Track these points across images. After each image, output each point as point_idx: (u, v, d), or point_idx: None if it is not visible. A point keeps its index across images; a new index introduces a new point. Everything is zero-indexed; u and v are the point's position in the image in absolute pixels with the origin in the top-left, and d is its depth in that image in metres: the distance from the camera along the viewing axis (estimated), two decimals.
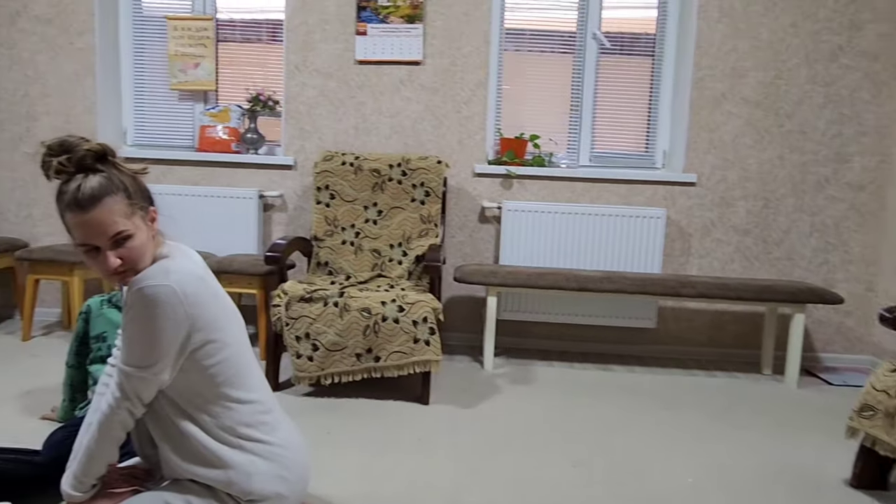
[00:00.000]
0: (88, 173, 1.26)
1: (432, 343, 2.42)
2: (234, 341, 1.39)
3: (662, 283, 2.83)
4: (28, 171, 3.40)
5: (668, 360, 3.21)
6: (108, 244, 1.25)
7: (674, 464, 2.04)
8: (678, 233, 3.23)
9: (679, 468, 2.01)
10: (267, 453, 1.39)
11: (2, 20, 3.31)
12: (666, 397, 2.66)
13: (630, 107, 3.35)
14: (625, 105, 3.35)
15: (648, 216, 3.12)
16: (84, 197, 1.22)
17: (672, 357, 3.28)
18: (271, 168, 3.31)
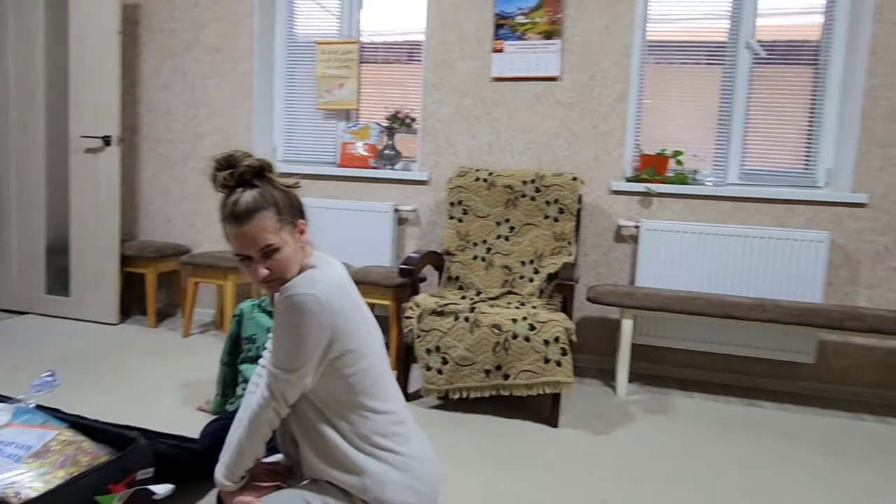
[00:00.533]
0: (247, 188, 1.35)
1: (564, 364, 2.34)
2: (372, 352, 1.42)
3: (825, 314, 2.55)
4: (194, 184, 3.76)
5: (828, 401, 2.87)
6: (258, 255, 1.33)
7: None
8: (844, 259, 2.90)
9: None
10: (400, 463, 1.40)
11: (178, 50, 3.71)
12: (826, 443, 2.37)
13: (787, 120, 3.07)
14: (781, 118, 3.08)
15: (808, 240, 2.83)
16: (239, 211, 1.32)
17: (834, 397, 2.93)
18: (407, 183, 3.41)
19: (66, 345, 3.11)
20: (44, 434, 1.54)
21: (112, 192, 3.47)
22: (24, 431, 1.54)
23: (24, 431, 1.54)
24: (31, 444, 1.49)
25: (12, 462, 1.42)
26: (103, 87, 3.43)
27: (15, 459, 1.44)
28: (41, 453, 1.48)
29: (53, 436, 1.54)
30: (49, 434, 1.55)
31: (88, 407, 2.31)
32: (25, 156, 3.63)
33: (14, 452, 1.46)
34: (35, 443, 1.50)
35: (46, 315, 3.63)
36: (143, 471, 1.56)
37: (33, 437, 1.52)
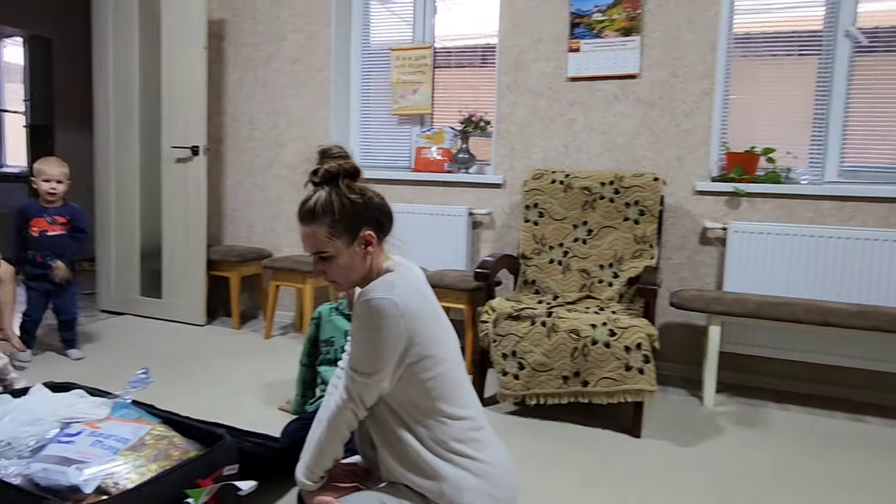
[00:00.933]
0: (324, 189, 1.37)
1: (646, 372, 2.25)
2: (449, 357, 1.40)
3: None
4: (275, 191, 3.89)
5: None
6: (315, 257, 1.39)
7: None
8: None
9: None
10: (477, 470, 1.37)
11: (260, 62, 3.86)
12: None
13: (892, 112, 2.84)
14: (885, 111, 2.85)
15: None
16: (301, 212, 1.38)
17: None
18: (481, 187, 3.39)
19: (158, 344, 3.28)
20: (139, 428, 1.61)
21: (199, 199, 3.64)
22: (122, 425, 1.61)
23: (122, 425, 1.61)
24: (128, 437, 1.56)
25: (111, 454, 1.49)
26: (191, 100, 3.61)
27: (113, 451, 1.51)
28: (137, 446, 1.55)
29: (147, 430, 1.61)
30: (144, 429, 1.61)
31: (177, 403, 2.41)
32: (122, 167, 3.86)
33: (113, 445, 1.53)
34: (131, 436, 1.57)
35: (141, 316, 3.85)
36: (229, 467, 1.60)
37: (129, 430, 1.59)
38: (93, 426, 1.58)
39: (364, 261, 1.42)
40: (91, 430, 1.56)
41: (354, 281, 1.44)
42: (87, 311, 3.92)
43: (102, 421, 1.62)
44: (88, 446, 1.50)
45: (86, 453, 1.48)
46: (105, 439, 1.54)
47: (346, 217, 1.36)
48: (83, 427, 1.57)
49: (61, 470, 1.43)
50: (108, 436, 1.55)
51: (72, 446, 1.50)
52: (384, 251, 1.47)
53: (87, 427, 1.57)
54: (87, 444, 1.51)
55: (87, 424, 1.58)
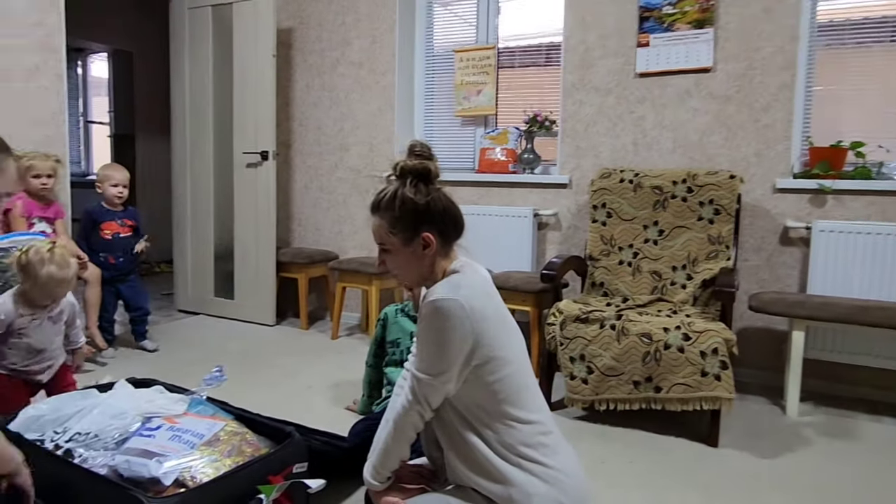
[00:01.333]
0: (393, 183, 1.39)
1: (724, 378, 2.14)
2: (515, 360, 1.38)
3: None
4: (341, 194, 3.95)
5: None
6: (379, 247, 1.42)
7: None
8: None
9: None
10: (546, 476, 1.34)
11: (326, 67, 3.93)
12: None
13: None
14: None
15: None
16: (372, 203, 1.41)
17: None
18: (546, 187, 3.33)
19: (230, 343, 3.39)
20: (214, 425, 1.65)
21: (269, 202, 3.74)
22: (198, 421, 1.66)
23: (198, 421, 1.66)
24: (204, 433, 1.61)
25: (188, 448, 1.54)
26: (261, 106, 3.72)
27: (191, 446, 1.55)
28: (212, 442, 1.59)
29: (222, 426, 1.66)
30: (218, 425, 1.66)
31: (248, 401, 2.47)
32: (197, 173, 4.02)
33: (190, 440, 1.58)
34: (207, 432, 1.61)
35: (214, 315, 3.99)
36: (299, 465, 1.62)
37: (205, 426, 1.64)
38: (171, 421, 1.63)
39: (422, 261, 1.42)
40: (170, 424, 1.62)
41: (412, 279, 1.45)
42: (166, 311, 4.10)
43: (180, 416, 1.67)
44: (167, 440, 1.56)
45: (165, 447, 1.53)
46: (182, 434, 1.59)
47: (406, 216, 1.37)
48: (163, 422, 1.63)
49: (143, 462, 1.48)
50: (186, 430, 1.60)
51: (152, 440, 1.56)
52: (451, 254, 1.46)
53: (167, 422, 1.63)
54: (166, 439, 1.56)
55: (166, 419, 1.64)
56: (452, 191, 3.73)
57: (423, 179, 1.41)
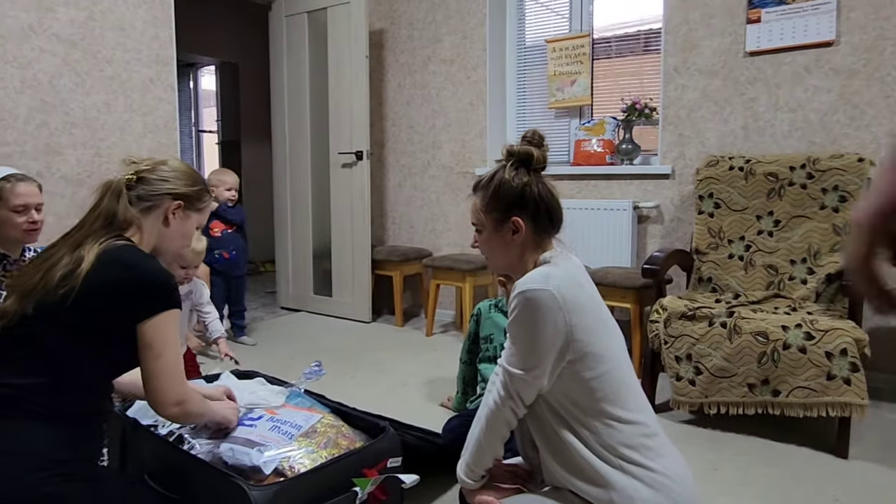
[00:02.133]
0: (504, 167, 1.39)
1: (854, 382, 1.93)
2: (613, 356, 1.30)
3: None
4: (433, 192, 3.96)
5: None
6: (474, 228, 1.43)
7: None
8: None
9: None
10: (650, 480, 1.24)
11: (417, 66, 3.95)
12: None
13: None
14: None
15: None
16: (474, 183, 1.43)
17: None
18: (646, 178, 3.16)
19: (328, 339, 3.48)
20: (311, 417, 1.68)
21: (364, 201, 3.81)
22: (296, 413, 1.69)
23: (296, 413, 1.69)
24: (301, 424, 1.63)
25: (287, 439, 1.57)
26: (355, 107, 3.80)
27: (289, 437, 1.58)
28: (309, 433, 1.61)
29: (319, 419, 1.68)
30: (315, 417, 1.68)
31: (345, 395, 2.51)
32: (296, 174, 4.17)
33: (289, 431, 1.61)
34: (304, 424, 1.64)
35: (314, 313, 4.12)
36: (393, 459, 1.61)
37: (303, 418, 1.67)
38: (271, 412, 1.67)
39: (510, 246, 1.38)
40: (270, 415, 1.66)
41: (500, 264, 1.44)
42: (269, 308, 4.28)
43: (280, 408, 1.71)
44: (268, 430, 1.59)
45: (265, 437, 1.56)
46: (282, 425, 1.62)
47: (500, 197, 1.36)
48: (264, 412, 1.67)
49: (245, 451, 1.52)
50: (285, 422, 1.63)
51: (254, 430, 1.60)
52: (545, 246, 1.41)
53: (267, 413, 1.67)
54: (266, 429, 1.60)
55: (266, 410, 1.68)
56: None
57: (525, 164, 1.38)
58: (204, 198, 1.51)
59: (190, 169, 1.51)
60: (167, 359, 1.27)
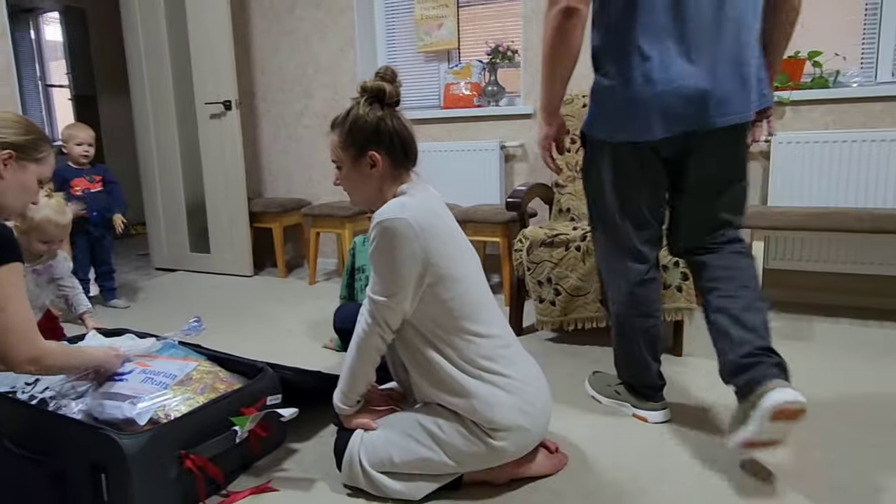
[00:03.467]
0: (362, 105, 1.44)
1: (685, 290, 2.20)
2: (469, 276, 1.42)
3: None
4: (309, 141, 3.92)
5: None
6: (334, 165, 1.48)
7: None
8: None
9: None
10: (507, 386, 1.40)
11: (283, 11, 3.83)
12: None
13: None
14: None
15: None
16: (331, 120, 1.48)
17: None
18: (512, 118, 3.31)
19: (208, 296, 3.42)
20: (186, 365, 1.69)
21: (236, 153, 3.71)
22: (170, 363, 1.70)
23: (170, 363, 1.70)
24: (176, 373, 1.65)
25: (161, 388, 1.58)
26: (219, 54, 3.63)
27: (163, 386, 1.59)
28: (185, 381, 1.63)
29: (194, 367, 1.70)
30: (190, 365, 1.70)
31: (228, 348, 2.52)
32: (161, 128, 3.96)
33: (163, 381, 1.61)
34: (179, 372, 1.65)
35: (192, 271, 4.01)
36: (273, 396, 1.67)
37: (177, 367, 1.68)
38: (143, 365, 1.67)
39: (369, 181, 1.45)
40: (142, 368, 1.65)
41: (360, 198, 1.49)
42: (143, 271, 4.11)
43: (152, 359, 1.70)
44: (140, 383, 1.59)
45: (137, 389, 1.56)
46: (155, 376, 1.62)
47: (356, 133, 1.42)
48: (134, 366, 1.66)
49: (116, 405, 1.52)
50: (158, 373, 1.63)
51: (125, 383, 1.59)
52: (402, 179, 1.48)
53: (138, 366, 1.66)
54: (138, 381, 1.60)
55: (137, 363, 1.67)
56: (419, 128, 3.70)
57: (379, 100, 1.43)
58: (41, 147, 1.44)
59: (21, 118, 1.44)
60: (11, 314, 1.23)
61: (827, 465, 1.52)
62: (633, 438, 1.69)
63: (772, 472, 1.50)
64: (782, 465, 1.53)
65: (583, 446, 1.66)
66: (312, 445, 1.73)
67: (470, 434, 1.38)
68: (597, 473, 1.53)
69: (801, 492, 1.42)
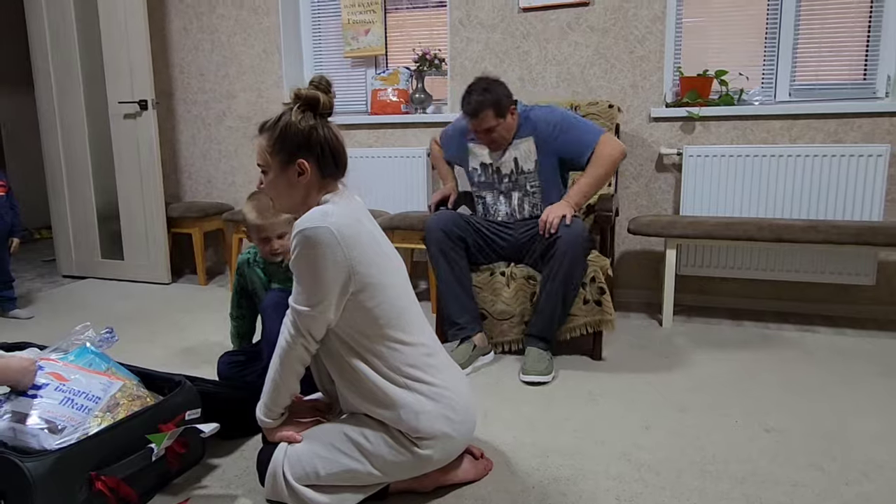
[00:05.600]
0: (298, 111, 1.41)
1: (603, 303, 2.29)
2: (394, 284, 1.41)
3: (886, 231, 2.39)
4: (231, 144, 3.80)
5: (891, 323, 2.74)
6: (259, 169, 1.46)
7: (893, 433, 1.72)
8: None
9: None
10: (432, 394, 1.41)
11: (203, 8, 3.70)
12: (888, 364, 2.27)
13: (843, 29, 2.84)
14: (836, 27, 2.85)
15: (866, 154, 2.65)
16: (260, 124, 1.44)
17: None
18: (439, 126, 3.34)
19: (122, 305, 3.25)
20: (110, 384, 1.54)
21: (153, 155, 3.55)
22: (91, 379, 1.54)
23: (91, 379, 1.54)
24: (99, 395, 1.50)
25: (84, 415, 1.43)
26: (134, 52, 3.47)
27: (86, 411, 1.45)
28: (111, 407, 1.50)
29: (119, 387, 1.54)
30: (115, 385, 1.55)
31: (143, 359, 2.42)
32: (69, 127, 3.73)
33: (84, 404, 1.46)
34: (102, 394, 1.51)
35: (104, 279, 3.80)
36: (191, 411, 1.61)
37: (100, 387, 1.52)
38: (59, 377, 1.51)
39: (296, 188, 1.43)
40: (59, 383, 1.50)
41: (285, 204, 1.47)
42: (48, 278, 3.86)
43: (68, 369, 1.54)
44: (58, 404, 1.44)
45: (55, 413, 1.42)
46: (75, 397, 1.48)
47: (286, 139, 1.40)
48: (49, 378, 1.50)
49: (32, 432, 1.39)
50: (79, 392, 1.49)
51: (39, 401, 1.44)
52: (329, 188, 1.46)
53: (54, 378, 1.50)
54: (56, 402, 1.44)
55: (53, 375, 1.51)
56: (346, 134, 3.66)
57: (312, 108, 1.41)
58: None
59: None
60: None
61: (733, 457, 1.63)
62: (555, 441, 1.74)
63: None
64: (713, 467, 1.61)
65: (507, 451, 1.69)
66: (234, 460, 1.69)
67: (396, 443, 1.38)
68: (521, 478, 1.56)
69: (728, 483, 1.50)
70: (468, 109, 2.25)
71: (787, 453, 1.66)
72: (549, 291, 2.20)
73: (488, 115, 2.23)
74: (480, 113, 2.23)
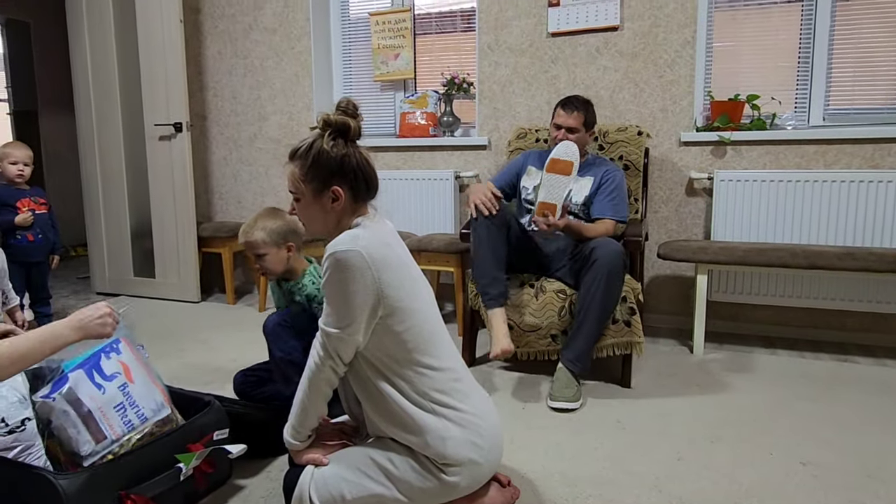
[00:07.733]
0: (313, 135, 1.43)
1: (633, 323, 2.26)
2: (422, 309, 1.41)
3: None
4: (261, 165, 3.87)
5: None
6: (292, 196, 1.46)
7: None
8: None
9: None
10: (459, 420, 1.39)
11: (238, 34, 3.80)
12: None
13: (877, 53, 2.80)
14: (870, 51, 2.81)
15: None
16: (290, 151, 1.45)
17: None
18: (466, 149, 3.36)
19: (152, 323, 3.30)
20: (160, 408, 1.55)
21: (186, 176, 3.63)
22: (150, 391, 1.55)
23: (150, 391, 1.55)
24: (147, 416, 1.51)
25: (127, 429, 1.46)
26: (171, 75, 3.57)
27: (129, 427, 1.47)
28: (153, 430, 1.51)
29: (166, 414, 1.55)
30: (164, 411, 1.55)
31: (171, 376, 2.44)
32: (107, 148, 3.84)
33: (132, 420, 1.48)
34: (151, 415, 1.52)
35: (136, 296, 3.87)
36: (219, 431, 1.62)
37: (154, 403, 1.53)
38: (127, 373, 1.53)
39: (329, 213, 1.44)
40: (125, 380, 1.51)
41: (318, 229, 1.48)
42: (82, 295, 3.94)
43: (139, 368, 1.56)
44: (112, 409, 1.46)
45: (105, 418, 1.44)
46: (129, 408, 1.50)
47: (319, 167, 1.40)
48: (119, 370, 1.52)
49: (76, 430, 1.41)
50: (133, 404, 1.50)
51: (99, 396, 1.45)
52: (361, 212, 1.48)
53: (123, 373, 1.52)
54: (111, 405, 1.46)
55: (122, 366, 1.53)
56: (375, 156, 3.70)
57: (343, 135, 1.43)
58: None
59: None
60: None
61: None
62: (584, 470, 1.71)
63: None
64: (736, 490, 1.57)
65: (535, 479, 1.66)
66: (260, 481, 1.69)
67: (423, 469, 1.37)
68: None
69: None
70: (569, 101, 2.48)
71: (826, 489, 1.60)
72: (587, 308, 2.20)
73: (580, 116, 2.45)
74: (577, 110, 2.45)
